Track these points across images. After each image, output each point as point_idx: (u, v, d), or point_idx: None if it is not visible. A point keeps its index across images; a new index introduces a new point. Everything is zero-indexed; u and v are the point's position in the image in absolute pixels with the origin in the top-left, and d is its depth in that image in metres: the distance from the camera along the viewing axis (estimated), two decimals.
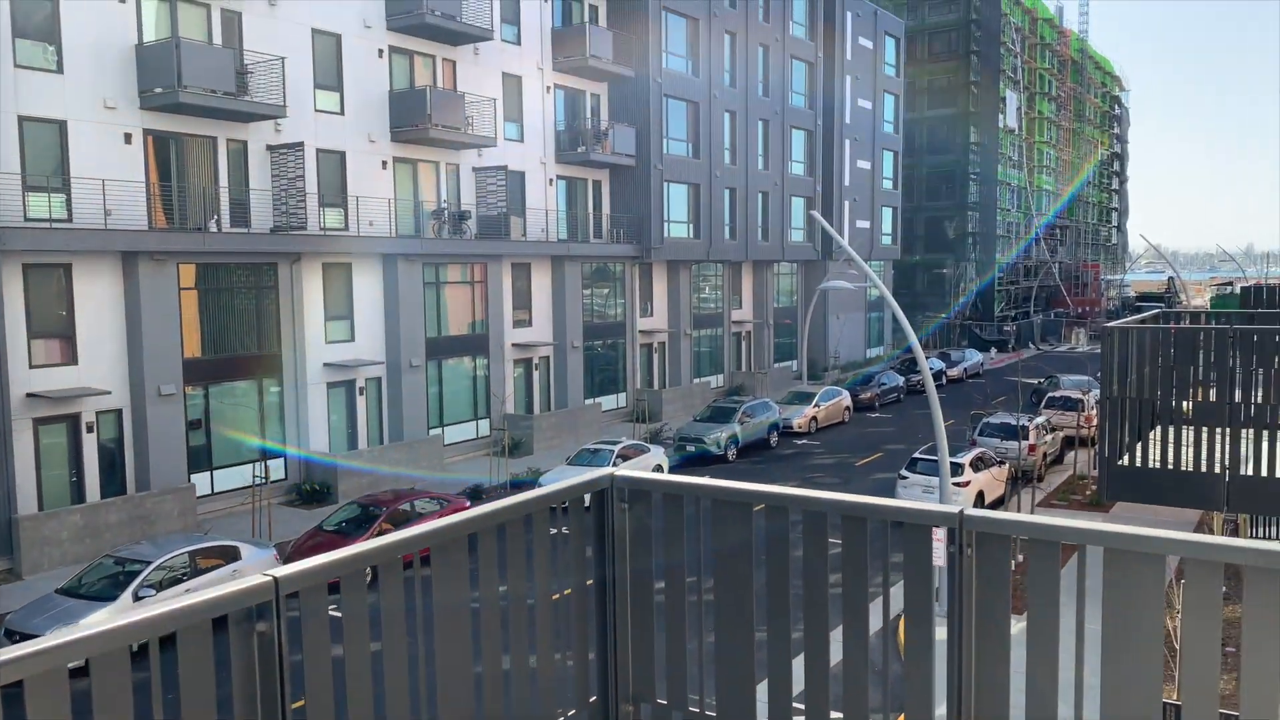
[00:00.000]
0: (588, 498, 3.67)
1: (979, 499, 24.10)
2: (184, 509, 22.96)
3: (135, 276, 22.96)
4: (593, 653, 3.68)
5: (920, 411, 37.49)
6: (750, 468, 30.51)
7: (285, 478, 26.41)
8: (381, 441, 29.35)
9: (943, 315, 64.80)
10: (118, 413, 23.21)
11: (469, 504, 21.94)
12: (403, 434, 29.46)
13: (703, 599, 3.62)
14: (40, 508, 21.50)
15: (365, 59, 28.94)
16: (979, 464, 24.93)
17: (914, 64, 65.92)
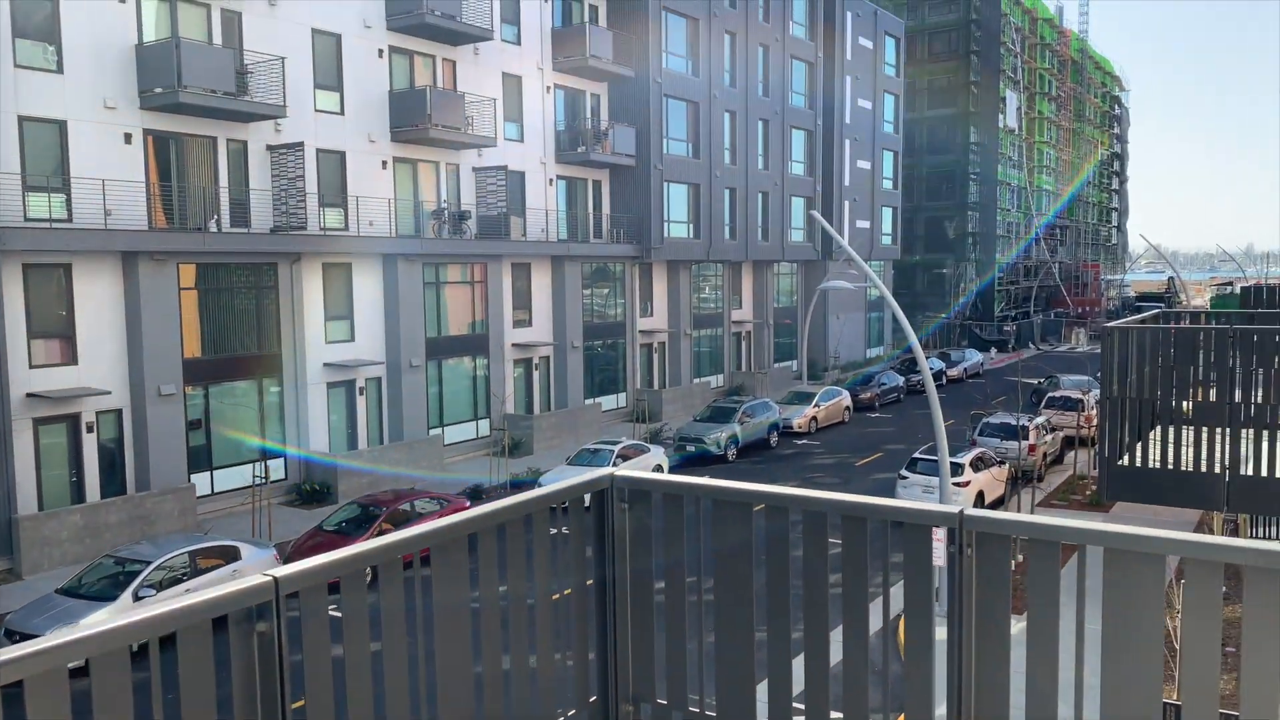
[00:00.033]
0: (588, 498, 3.66)
1: (979, 499, 24.10)
2: (184, 509, 22.97)
3: (135, 276, 22.97)
4: (593, 653, 3.68)
5: (920, 411, 37.48)
6: (750, 468, 30.51)
7: (285, 478, 26.41)
8: (381, 441, 29.36)
9: (943, 315, 64.81)
10: (118, 413, 23.22)
11: (469, 504, 21.94)
12: (403, 434, 29.46)
13: (703, 599, 3.62)
14: (40, 508, 21.50)
15: (365, 59, 28.94)
16: (979, 464, 24.93)
17: (914, 64, 65.92)
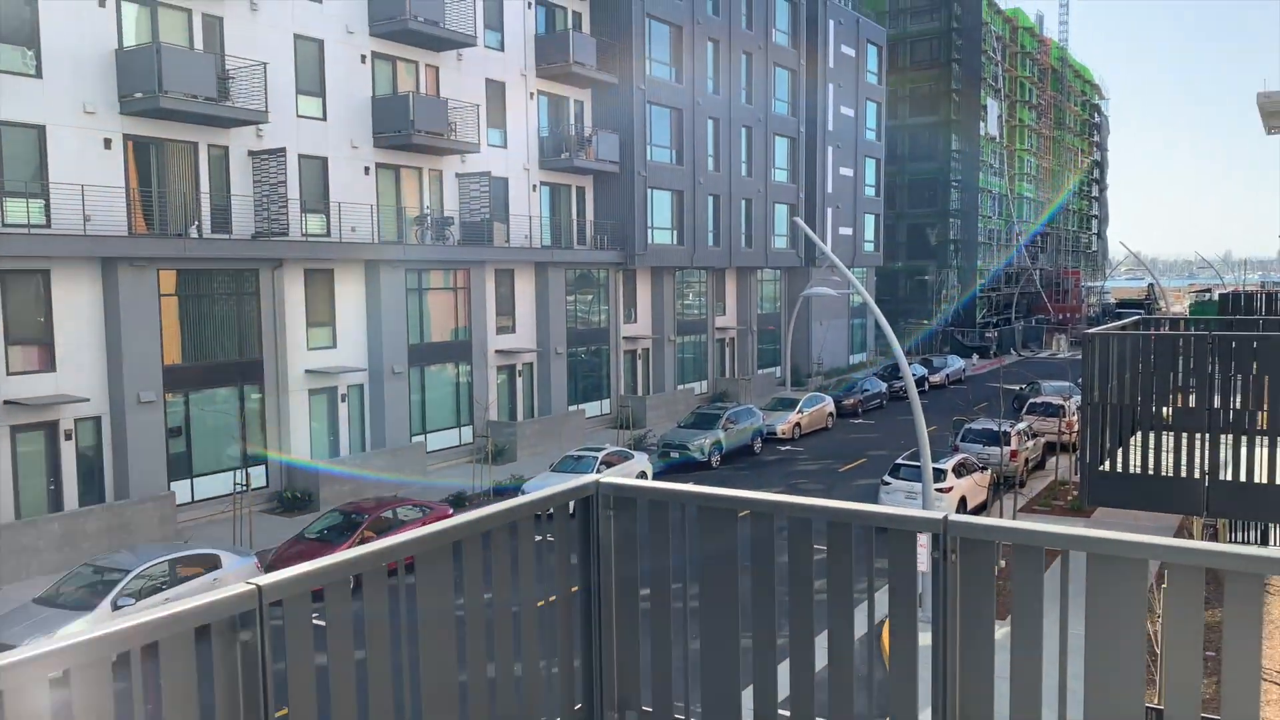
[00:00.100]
0: (573, 505, 3.65)
1: (961, 505, 24.21)
2: (164, 517, 22.77)
3: (115, 283, 22.79)
4: (578, 660, 3.67)
5: (903, 417, 37.62)
6: (734, 474, 30.53)
7: (266, 485, 26.23)
8: (364, 448, 29.22)
9: (926, 322, 65.14)
10: (96, 420, 23.01)
11: (451, 511, 21.86)
12: (385, 441, 29.33)
13: (688, 605, 3.62)
14: (17, 516, 21.27)
15: (348, 65, 28.86)
16: (962, 470, 25.04)
17: (896, 72, 66.30)
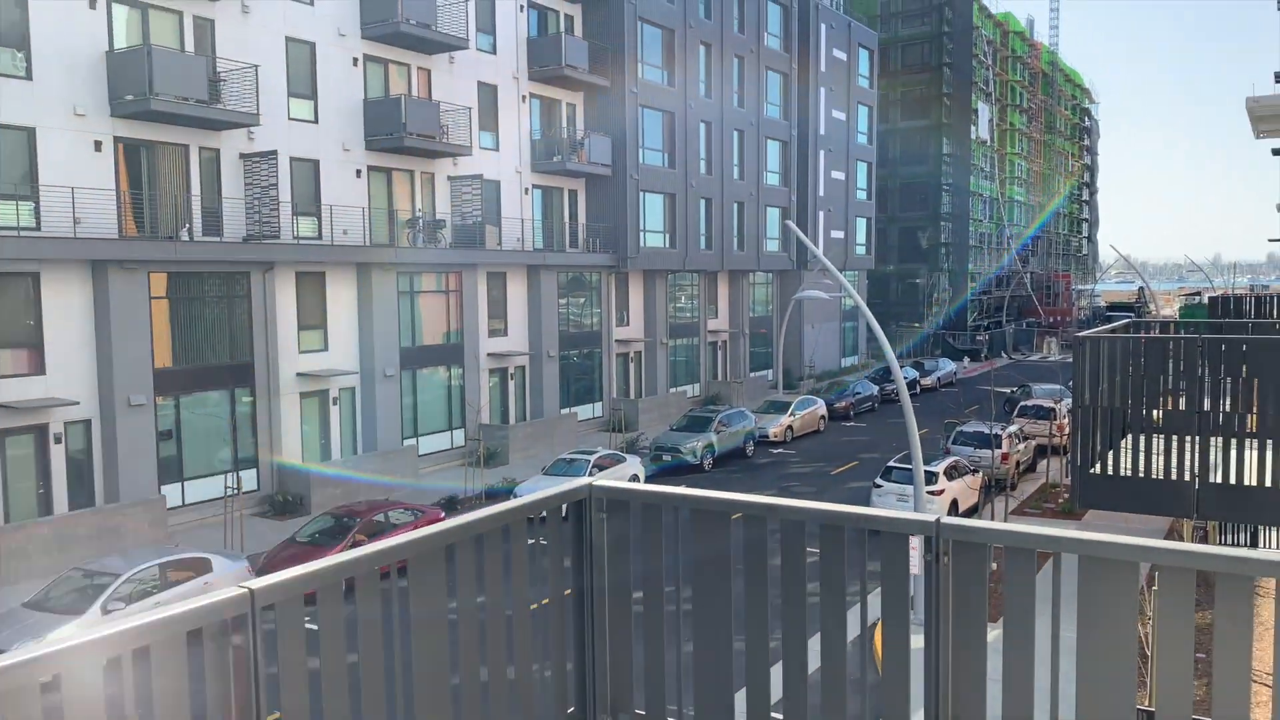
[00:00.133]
0: (565, 508, 3.65)
1: (953, 507, 24.26)
2: (154, 521, 22.67)
3: (105, 285, 22.70)
4: (571, 663, 3.67)
5: (894, 420, 37.69)
6: (726, 477, 30.54)
7: (258, 489, 26.15)
8: (355, 452, 29.14)
9: (918, 326, 65.29)
10: (86, 423, 22.91)
11: (443, 515, 21.81)
12: (377, 444, 29.27)
13: (681, 608, 3.62)
14: (6, 520, 21.15)
15: (340, 67, 28.82)
16: (953, 472, 25.10)
17: (887, 76, 66.51)
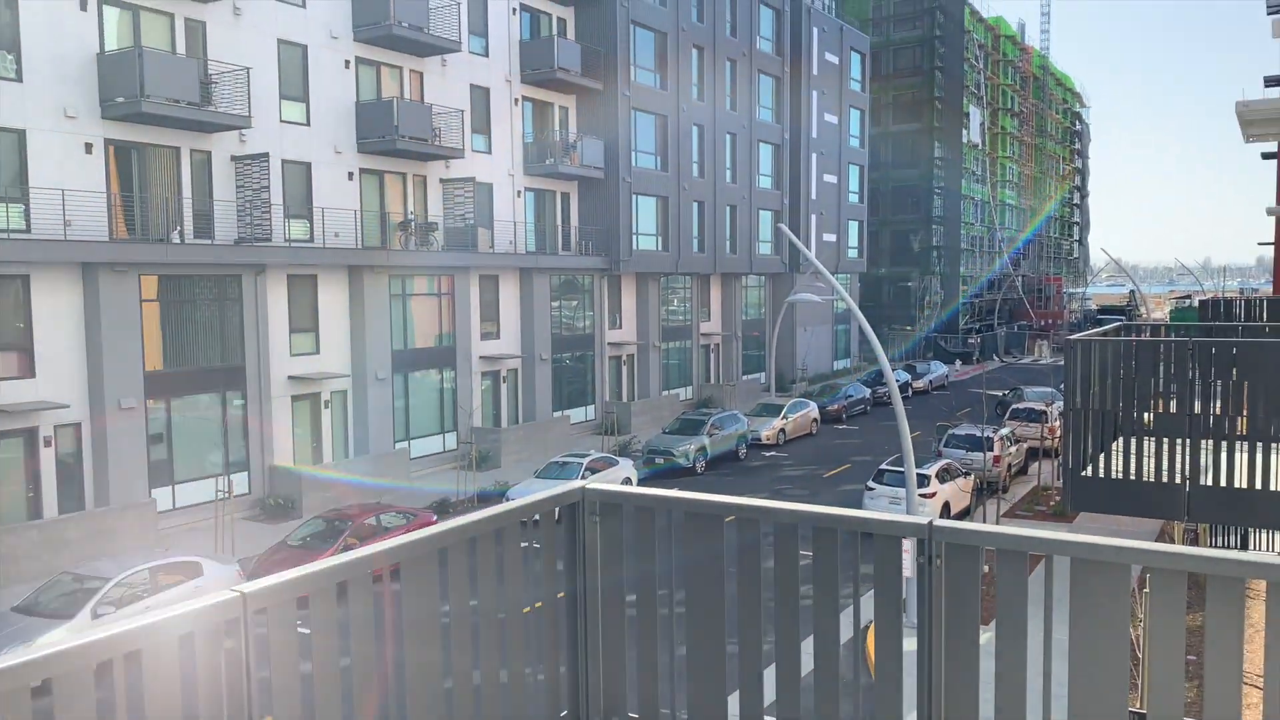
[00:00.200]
0: (558, 511, 3.65)
1: (945, 510, 24.30)
2: (145, 525, 22.57)
3: (95, 288, 22.62)
4: (564, 666, 3.66)
5: (887, 423, 37.76)
6: (719, 480, 30.55)
7: (249, 492, 26.07)
8: (347, 455, 29.08)
9: (910, 329, 65.44)
10: (76, 426, 22.81)
11: (435, 518, 21.77)
12: (369, 447, 29.21)
13: (674, 611, 3.62)
14: None
15: (332, 70, 28.78)
16: (945, 475, 25.14)
17: (879, 79, 66.67)
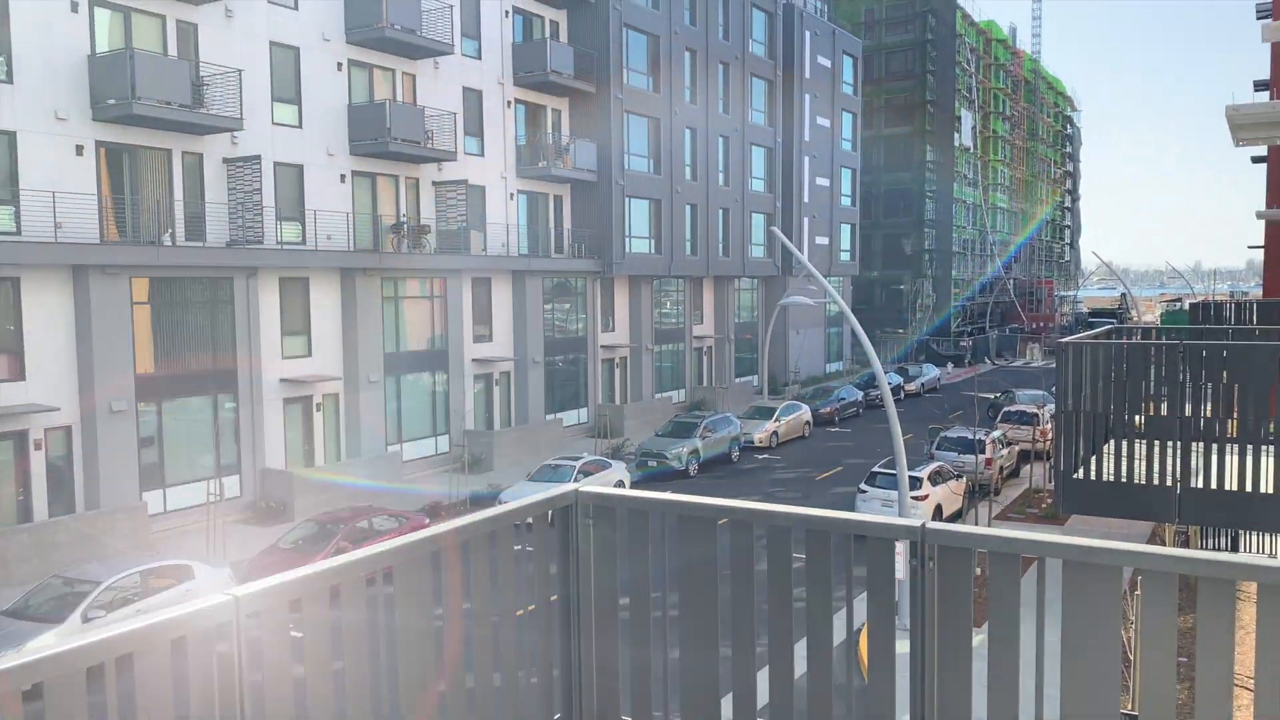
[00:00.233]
0: (552, 514, 3.65)
1: (937, 512, 24.35)
2: (136, 528, 22.49)
3: (86, 290, 22.54)
4: (557, 669, 3.66)
5: (879, 426, 37.82)
6: (712, 483, 30.55)
7: (240, 495, 25.99)
8: (339, 458, 29.01)
9: (902, 332, 65.58)
10: (67, 429, 22.72)
11: (428, 521, 21.74)
12: (361, 450, 29.14)
13: (667, 614, 3.62)
14: None
15: (324, 72, 28.74)
16: (937, 478, 25.19)
17: (871, 83, 66.83)
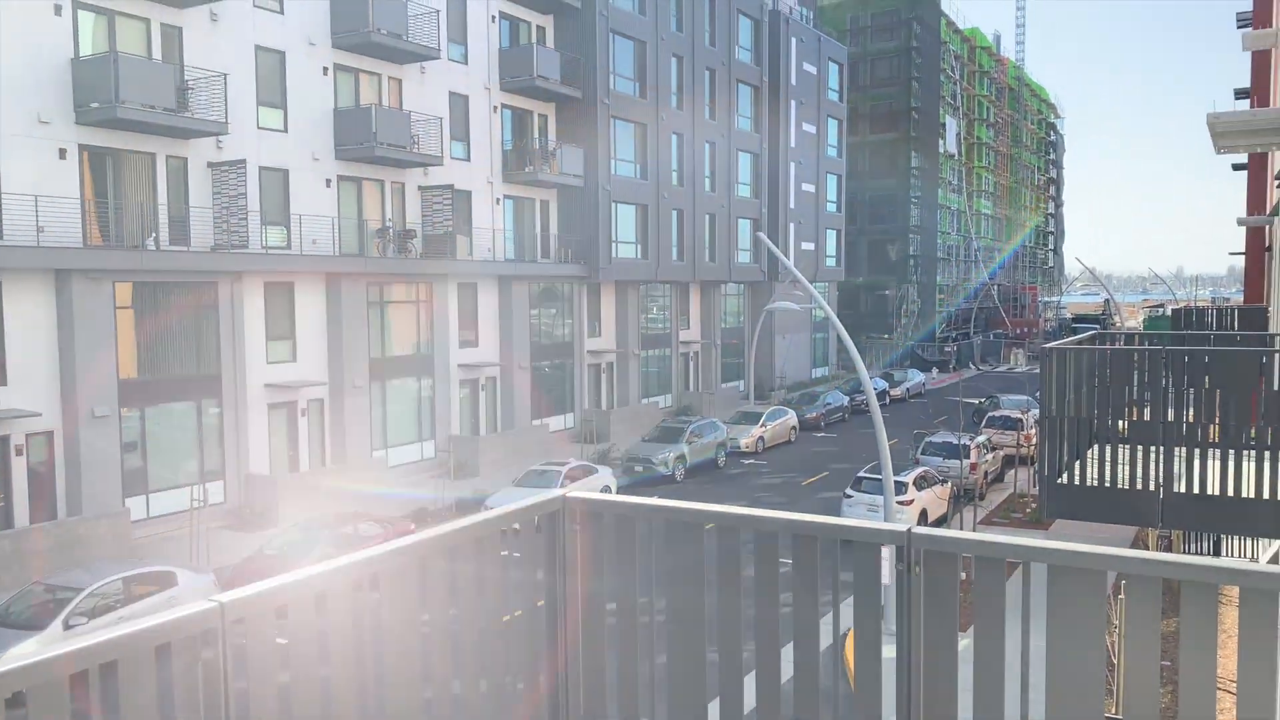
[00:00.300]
0: (539, 519, 3.65)
1: (922, 517, 24.41)
2: (118, 534, 22.31)
3: (69, 295, 22.38)
4: (544, 675, 3.65)
5: (864, 431, 37.94)
6: (699, 488, 30.55)
7: (224, 501, 25.83)
8: (324, 463, 28.87)
9: (889, 338, 65.86)
10: (49, 435, 22.54)
11: (413, 527, 21.66)
12: (346, 456, 29.01)
13: (654, 619, 3.62)
14: None
15: (309, 76, 28.65)
16: (922, 483, 25.27)
17: (857, 89, 67.13)
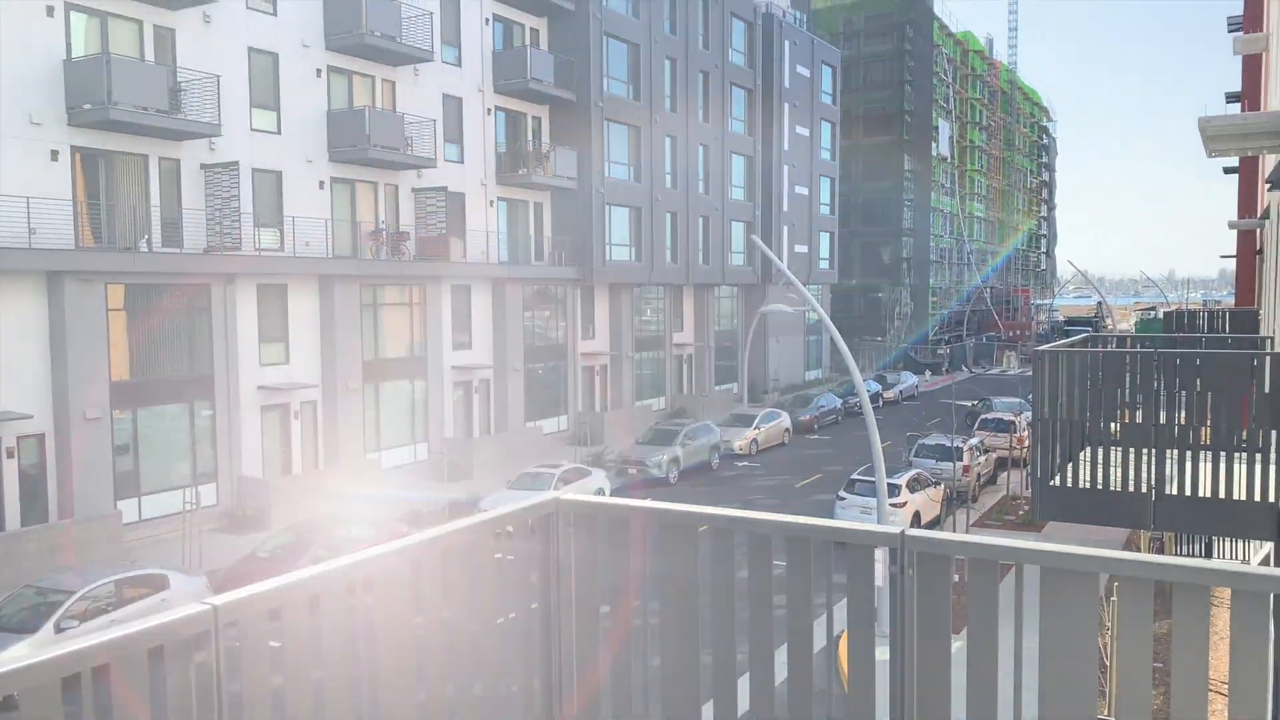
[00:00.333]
0: (532, 522, 3.64)
1: (915, 519, 24.46)
2: (110, 537, 22.23)
3: (61, 297, 22.31)
4: (537, 678, 3.65)
5: (857, 433, 37.95)
6: (692, 490, 30.56)
7: (217, 503, 25.76)
8: (317, 466, 28.82)
9: (882, 340, 65.97)
10: (40, 437, 22.45)
11: (407, 529, 21.62)
12: (339, 458, 28.96)
13: (648, 621, 3.62)
14: None
15: (303, 78, 28.62)
16: (915, 485, 25.31)
17: (850, 93, 67.27)
